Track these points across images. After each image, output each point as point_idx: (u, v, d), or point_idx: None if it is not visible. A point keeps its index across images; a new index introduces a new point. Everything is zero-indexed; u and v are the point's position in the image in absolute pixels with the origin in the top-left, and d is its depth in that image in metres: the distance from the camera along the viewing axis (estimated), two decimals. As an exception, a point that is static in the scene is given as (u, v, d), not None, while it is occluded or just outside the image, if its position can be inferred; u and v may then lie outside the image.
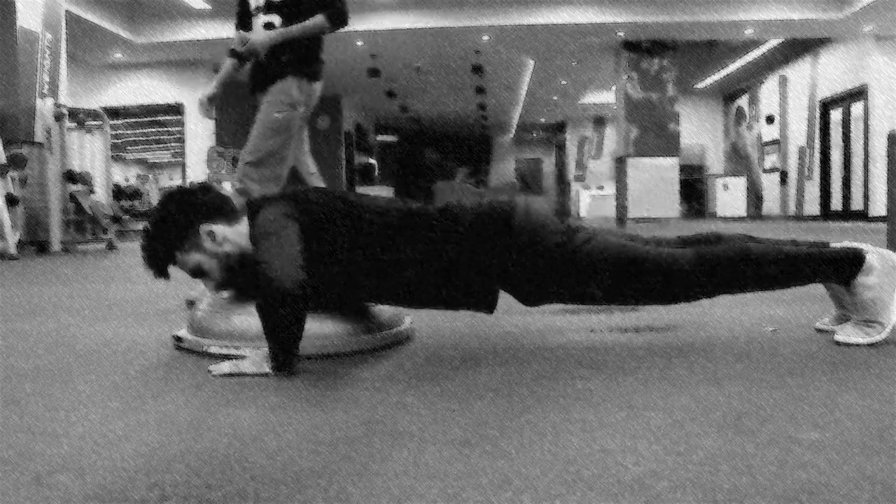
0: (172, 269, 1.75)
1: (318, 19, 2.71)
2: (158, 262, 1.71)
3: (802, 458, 0.94)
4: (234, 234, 1.72)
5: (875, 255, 1.68)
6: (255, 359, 1.53)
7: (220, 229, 1.70)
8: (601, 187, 18.09)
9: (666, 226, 11.08)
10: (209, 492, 0.87)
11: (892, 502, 0.80)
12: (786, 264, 1.70)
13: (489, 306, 1.74)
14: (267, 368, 1.49)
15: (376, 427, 1.12)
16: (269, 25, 2.76)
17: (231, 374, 1.50)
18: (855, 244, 1.72)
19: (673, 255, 1.68)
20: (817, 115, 13.77)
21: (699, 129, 17.95)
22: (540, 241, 1.66)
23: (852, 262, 1.68)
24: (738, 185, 16.26)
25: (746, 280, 1.71)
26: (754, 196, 16.47)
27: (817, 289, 2.77)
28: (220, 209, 1.73)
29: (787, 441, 1.01)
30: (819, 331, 1.87)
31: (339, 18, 2.73)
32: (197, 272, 1.73)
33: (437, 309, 1.80)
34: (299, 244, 1.57)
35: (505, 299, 1.77)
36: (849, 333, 1.70)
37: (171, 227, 1.69)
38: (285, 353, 1.49)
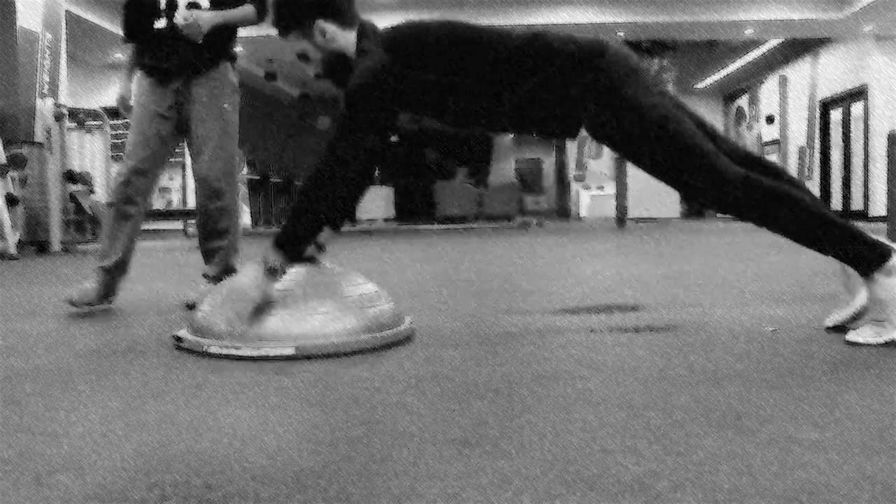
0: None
1: (249, 9, 2.66)
2: (279, 22, 1.92)
3: (802, 458, 0.94)
4: (343, 38, 1.89)
5: None
6: (251, 280, 1.71)
7: (332, 29, 1.87)
8: (601, 187, 18.07)
9: (666, 226, 11.08)
10: (209, 492, 0.87)
11: (892, 502, 0.80)
12: (821, 223, 1.71)
13: (572, 133, 1.86)
14: (265, 286, 1.71)
15: (376, 427, 1.12)
16: (193, 5, 2.61)
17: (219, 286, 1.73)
18: (886, 241, 1.73)
19: (726, 165, 1.72)
20: (817, 115, 13.77)
21: (699, 129, 17.93)
22: (628, 83, 1.75)
23: (879, 255, 1.67)
24: (738, 185, 16.23)
25: (780, 216, 1.72)
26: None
27: (817, 288, 2.78)
28: (342, 10, 1.89)
29: (787, 441, 1.01)
30: (829, 329, 1.86)
31: (262, 12, 2.69)
32: (301, 56, 2.08)
33: (522, 132, 1.96)
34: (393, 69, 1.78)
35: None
36: (862, 334, 1.70)
37: (295, 11, 1.88)
38: (305, 234, 1.72)
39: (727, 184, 1.71)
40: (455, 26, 1.91)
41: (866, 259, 1.68)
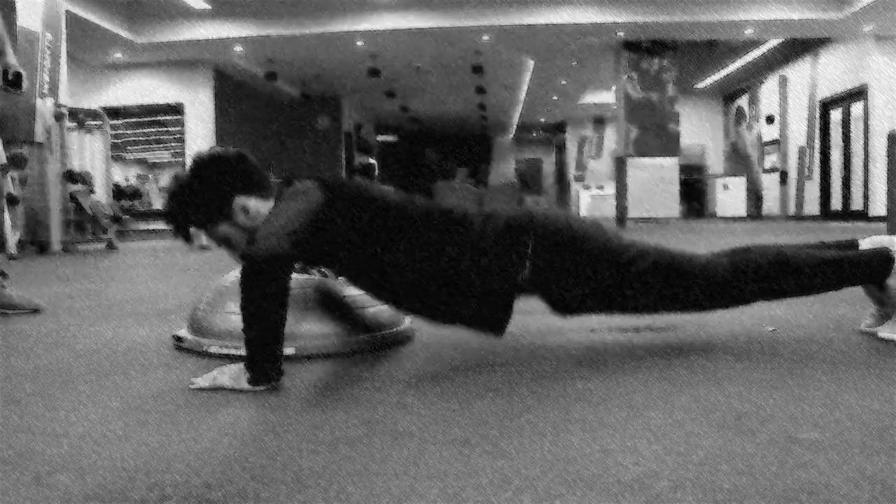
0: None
1: None
2: (185, 228, 1.66)
3: (802, 458, 0.94)
4: (266, 210, 1.64)
5: None
6: (233, 372, 1.40)
7: (254, 204, 1.64)
8: (601, 187, 18.07)
9: (666, 226, 11.08)
10: (209, 492, 0.87)
11: (892, 502, 0.80)
12: (821, 268, 1.70)
13: (498, 327, 1.64)
14: (244, 383, 1.36)
15: (376, 427, 1.12)
16: None
17: (209, 388, 1.38)
18: (882, 242, 1.74)
19: (711, 262, 1.68)
20: (817, 115, 13.77)
21: (699, 129, 17.95)
22: (583, 246, 1.63)
23: (883, 264, 1.70)
24: (738, 185, 16.26)
25: (783, 285, 1.71)
26: (754, 196, 16.47)
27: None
28: (256, 182, 1.67)
29: (787, 441, 1.01)
30: (864, 333, 1.84)
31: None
32: (223, 242, 1.69)
33: (436, 321, 1.70)
34: (305, 219, 1.52)
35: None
36: (891, 330, 1.73)
37: (207, 198, 1.63)
38: (262, 357, 1.37)
39: (721, 278, 1.66)
40: (381, 201, 1.67)
41: (876, 273, 1.71)
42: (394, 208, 1.64)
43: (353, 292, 1.86)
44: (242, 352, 1.67)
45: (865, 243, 1.77)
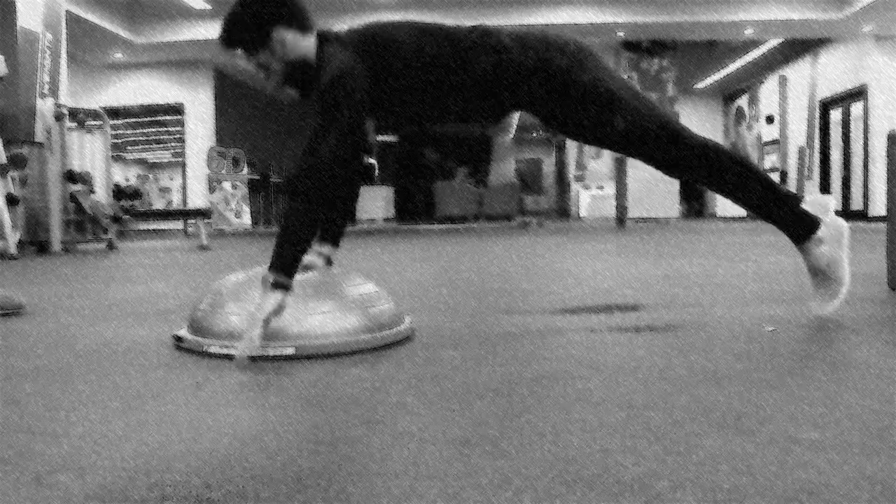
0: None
1: None
2: (229, 43, 1.86)
3: (802, 458, 0.94)
4: (303, 44, 1.84)
5: (824, 228, 1.97)
6: (253, 312, 1.63)
7: (291, 38, 1.82)
8: (601, 187, 18.07)
9: (666, 226, 11.08)
10: (209, 492, 0.87)
11: (892, 502, 0.80)
12: (768, 191, 1.95)
13: (497, 120, 2.00)
14: (266, 304, 1.60)
15: (376, 427, 1.12)
16: None
17: (252, 351, 1.58)
18: (819, 201, 2.01)
19: (687, 129, 1.95)
20: (817, 115, 13.77)
21: (699, 129, 17.87)
22: (579, 73, 1.86)
23: (808, 226, 1.96)
24: (738, 185, 16.25)
25: (730, 181, 1.95)
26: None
27: (817, 289, 2.76)
28: (297, 15, 1.83)
29: (787, 441, 1.01)
30: (819, 316, 2.07)
31: None
32: (262, 69, 1.86)
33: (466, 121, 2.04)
34: (359, 92, 1.73)
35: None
36: (823, 305, 2.01)
37: (250, 21, 1.80)
38: (286, 251, 1.64)
39: (689, 144, 1.91)
40: (416, 25, 1.92)
41: (798, 229, 1.97)
42: (425, 55, 1.86)
43: (353, 292, 1.86)
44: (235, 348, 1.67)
45: (807, 201, 2.00)
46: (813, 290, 2.07)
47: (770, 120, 15.60)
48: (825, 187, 13.60)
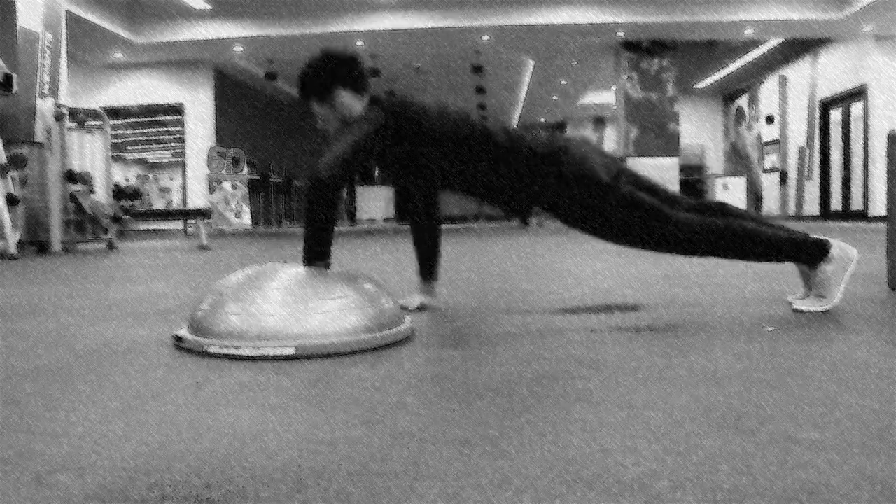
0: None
1: None
2: (301, 92, 2.27)
3: (802, 458, 0.94)
4: (356, 106, 2.23)
5: (836, 248, 2.17)
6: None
7: (348, 99, 2.22)
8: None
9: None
10: (209, 492, 0.87)
11: (892, 502, 0.80)
12: (773, 244, 2.16)
13: (523, 219, 2.32)
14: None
15: (376, 427, 1.12)
16: None
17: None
18: (824, 237, 2.21)
19: (688, 218, 2.13)
20: (817, 115, 13.77)
21: (699, 129, 17.95)
22: (588, 179, 2.13)
23: (821, 251, 2.18)
24: (738, 185, 16.26)
25: (738, 251, 2.17)
26: (754, 196, 16.48)
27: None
28: (357, 80, 2.24)
29: (787, 441, 1.01)
30: (789, 303, 2.32)
31: None
32: (319, 118, 2.25)
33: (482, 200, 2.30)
34: (363, 145, 2.05)
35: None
36: (805, 304, 2.22)
37: (318, 80, 2.21)
38: (314, 245, 1.98)
39: (694, 233, 2.12)
40: (450, 117, 2.22)
41: (813, 257, 2.18)
42: (443, 134, 2.18)
43: (353, 292, 1.86)
44: (242, 351, 1.68)
45: (812, 236, 2.20)
46: (803, 292, 2.34)
47: (770, 120, 15.60)
48: (825, 187, 13.60)
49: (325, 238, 2.00)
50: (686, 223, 2.11)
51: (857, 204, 12.59)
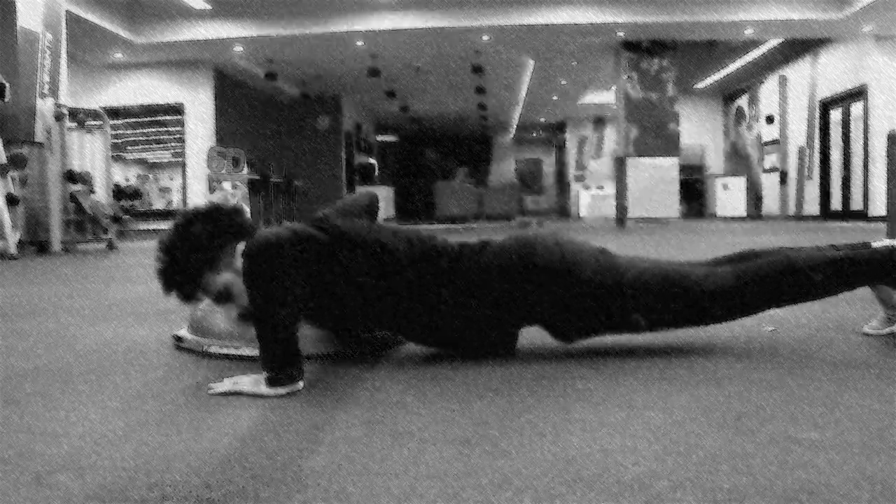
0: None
1: None
2: (188, 284, 1.59)
3: (802, 458, 0.94)
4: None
5: None
6: (253, 378, 1.38)
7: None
8: (601, 187, 18.08)
9: (666, 226, 11.08)
10: (209, 492, 0.87)
11: (892, 502, 0.80)
12: (831, 270, 1.61)
13: (508, 350, 1.68)
14: (264, 388, 1.34)
15: (376, 427, 1.12)
16: None
17: (228, 393, 1.35)
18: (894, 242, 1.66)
19: (714, 273, 1.63)
20: (817, 115, 13.77)
21: (699, 129, 17.95)
22: (574, 274, 1.60)
23: (893, 262, 1.62)
24: (738, 185, 16.26)
25: (791, 291, 1.63)
26: (754, 196, 16.47)
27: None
28: (248, 227, 1.63)
29: (787, 441, 1.01)
30: (867, 335, 1.80)
31: None
32: (223, 296, 1.60)
33: (449, 350, 1.70)
34: (298, 277, 1.43)
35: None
36: (876, 327, 1.76)
37: (205, 247, 1.57)
38: (278, 356, 1.35)
39: (726, 288, 1.61)
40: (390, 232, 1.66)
41: (891, 272, 1.64)
42: (381, 256, 1.59)
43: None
44: (242, 351, 1.67)
45: (878, 244, 1.67)
46: (883, 316, 1.81)
47: (770, 120, 15.59)
48: (825, 187, 13.60)
49: (282, 333, 1.37)
50: (717, 277, 1.62)
51: (857, 204, 12.58)
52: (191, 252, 1.56)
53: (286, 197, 14.21)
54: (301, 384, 1.36)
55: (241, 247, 1.54)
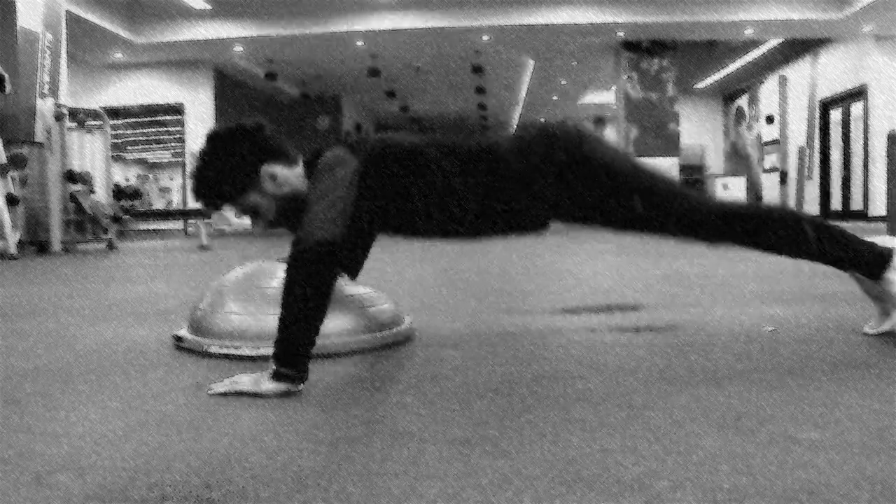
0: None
1: None
2: (215, 200, 1.68)
3: (802, 458, 0.94)
4: (293, 176, 1.68)
5: None
6: (253, 377, 1.37)
7: (281, 171, 1.65)
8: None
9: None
10: (209, 492, 0.87)
11: (892, 502, 0.80)
12: (826, 233, 1.70)
13: (544, 225, 1.80)
14: (265, 385, 1.33)
15: (376, 427, 1.12)
16: None
17: (227, 393, 1.34)
18: (884, 242, 1.74)
19: (713, 197, 1.85)
20: (817, 115, 13.77)
21: (699, 129, 17.95)
22: (590, 157, 1.71)
23: (881, 255, 1.69)
24: (738, 185, 16.26)
25: (783, 233, 1.70)
26: (754, 196, 16.47)
27: (817, 289, 2.77)
28: (280, 149, 1.68)
29: (787, 441, 1.01)
30: (867, 335, 1.81)
31: None
32: (250, 211, 1.70)
33: (492, 237, 1.82)
34: (347, 195, 1.54)
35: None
36: (876, 325, 1.78)
37: (236, 168, 1.64)
38: (292, 352, 1.35)
39: (721, 209, 1.73)
40: (423, 147, 1.73)
41: (872, 262, 1.69)
42: (427, 160, 1.69)
43: (353, 292, 1.86)
44: (242, 351, 1.67)
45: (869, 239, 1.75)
46: (878, 315, 1.83)
47: (770, 120, 15.59)
48: (825, 187, 13.60)
49: (308, 329, 1.39)
50: (722, 205, 1.77)
51: (857, 204, 12.59)
52: (223, 166, 1.65)
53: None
54: (301, 387, 1.36)
55: (276, 168, 1.64)
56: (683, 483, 0.86)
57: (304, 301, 1.39)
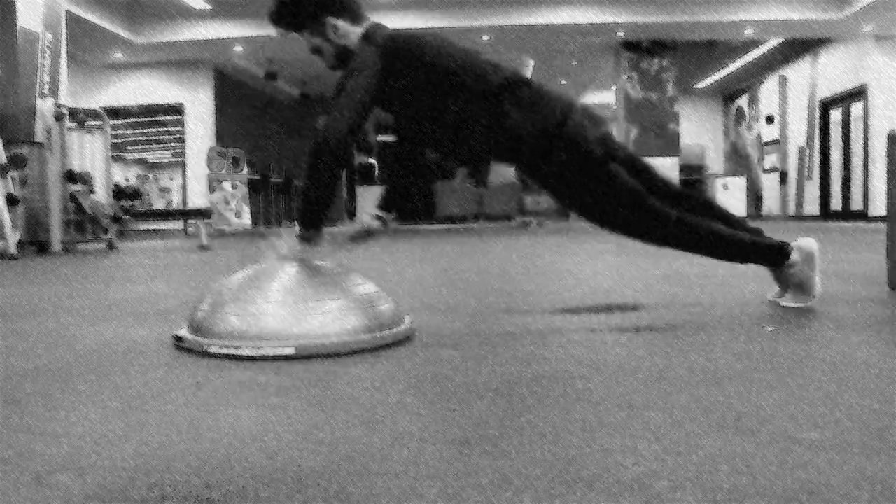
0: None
1: None
2: (290, 21, 2.08)
3: (802, 458, 0.94)
4: (352, 34, 2.05)
5: (796, 250, 2.21)
6: (287, 240, 1.96)
7: (343, 24, 2.04)
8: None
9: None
10: (209, 492, 0.87)
11: (892, 502, 0.80)
12: (738, 247, 2.20)
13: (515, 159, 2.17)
14: (293, 246, 1.95)
15: (376, 427, 1.12)
16: None
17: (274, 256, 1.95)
18: (783, 241, 2.24)
19: (665, 209, 2.12)
20: (817, 115, 13.77)
21: (699, 129, 17.95)
22: (582, 145, 2.07)
23: (780, 255, 2.22)
24: (738, 185, 16.27)
25: (704, 249, 2.21)
26: (754, 196, 16.48)
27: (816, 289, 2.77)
28: (351, 7, 2.05)
29: (787, 441, 1.01)
30: (771, 302, 2.38)
31: None
32: (316, 52, 2.12)
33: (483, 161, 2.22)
34: (367, 92, 1.95)
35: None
36: (789, 300, 2.29)
37: (306, 10, 2.03)
38: (312, 213, 1.94)
39: (666, 224, 2.11)
40: (451, 52, 2.09)
41: (774, 261, 2.24)
42: (449, 73, 2.04)
43: (353, 292, 1.86)
44: (242, 351, 1.68)
45: (772, 239, 2.24)
46: (777, 291, 2.37)
47: (770, 120, 15.60)
48: (825, 187, 13.60)
49: (323, 203, 1.96)
50: (663, 214, 2.11)
51: (857, 204, 12.59)
52: (296, 10, 2.06)
53: (286, 197, 14.21)
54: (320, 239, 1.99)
55: (339, 22, 2.04)
56: (683, 483, 0.86)
57: (321, 182, 1.91)
